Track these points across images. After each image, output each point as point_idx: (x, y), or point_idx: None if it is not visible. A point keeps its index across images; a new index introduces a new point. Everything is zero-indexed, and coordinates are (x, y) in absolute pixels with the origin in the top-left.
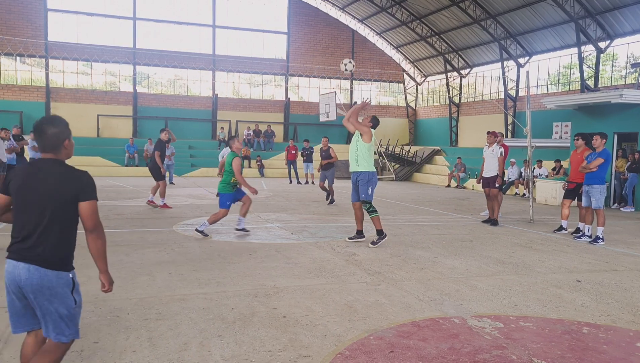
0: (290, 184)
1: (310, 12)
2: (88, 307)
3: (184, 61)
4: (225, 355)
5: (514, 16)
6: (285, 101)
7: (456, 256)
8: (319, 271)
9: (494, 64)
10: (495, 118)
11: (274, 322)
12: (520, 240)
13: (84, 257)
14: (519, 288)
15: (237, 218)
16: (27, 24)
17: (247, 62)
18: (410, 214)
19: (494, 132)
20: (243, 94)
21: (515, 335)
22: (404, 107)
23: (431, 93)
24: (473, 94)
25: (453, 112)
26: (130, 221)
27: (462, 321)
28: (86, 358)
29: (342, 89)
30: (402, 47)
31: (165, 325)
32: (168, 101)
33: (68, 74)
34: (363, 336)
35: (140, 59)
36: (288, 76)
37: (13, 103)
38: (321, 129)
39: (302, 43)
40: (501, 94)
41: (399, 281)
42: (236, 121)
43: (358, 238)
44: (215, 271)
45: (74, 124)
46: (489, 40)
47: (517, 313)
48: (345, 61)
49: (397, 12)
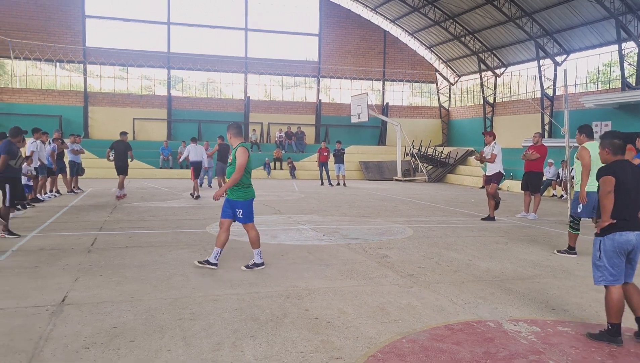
0: (322, 185)
1: (341, 14)
2: (124, 306)
3: (216, 64)
4: (257, 356)
5: (550, 14)
6: (316, 103)
7: (491, 259)
8: (350, 273)
9: (530, 62)
10: (532, 118)
11: (306, 323)
12: (558, 243)
13: (121, 257)
14: (557, 292)
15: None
16: (66, 30)
17: (278, 64)
18: (443, 215)
19: (490, 132)
20: (275, 97)
21: (553, 340)
22: (437, 108)
23: (465, 93)
24: (508, 93)
25: (487, 112)
26: (165, 222)
27: (497, 325)
28: (123, 356)
29: (373, 90)
30: (434, 47)
31: (198, 325)
32: (201, 103)
33: (105, 78)
34: (396, 339)
35: (175, 63)
36: (319, 78)
37: (53, 108)
38: (353, 131)
39: (334, 44)
40: (537, 94)
41: (432, 283)
42: (268, 123)
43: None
44: (247, 272)
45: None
46: (525, 39)
47: (555, 318)
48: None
49: (429, 11)
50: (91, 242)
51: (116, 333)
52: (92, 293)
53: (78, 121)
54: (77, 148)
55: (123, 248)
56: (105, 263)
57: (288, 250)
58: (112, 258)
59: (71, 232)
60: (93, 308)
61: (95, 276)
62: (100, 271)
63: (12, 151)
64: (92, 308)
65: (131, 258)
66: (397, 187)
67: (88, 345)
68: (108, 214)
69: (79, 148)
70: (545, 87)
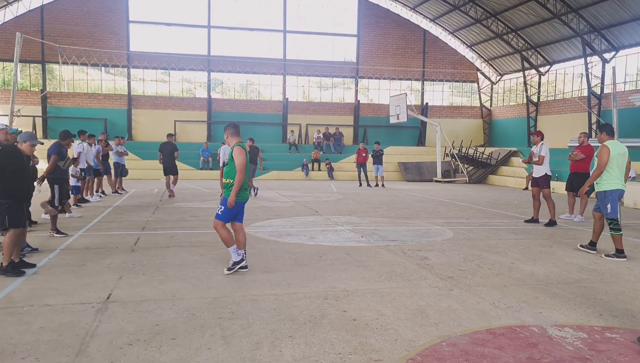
0: (360, 187)
1: (380, 14)
2: (165, 304)
3: (255, 66)
4: (296, 356)
5: (598, 9)
6: (355, 104)
7: (535, 262)
8: (389, 274)
9: (576, 60)
10: (578, 117)
11: (344, 324)
12: (606, 246)
13: (163, 256)
14: (605, 297)
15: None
16: (111, 36)
17: (316, 65)
18: (485, 217)
19: (538, 131)
20: (313, 98)
21: (600, 346)
22: (478, 108)
23: (507, 92)
24: (553, 92)
25: (531, 111)
26: (205, 222)
27: (541, 330)
28: (165, 353)
29: (413, 90)
30: (475, 46)
31: (238, 324)
32: (240, 105)
33: (148, 82)
34: (435, 342)
35: (215, 66)
36: (358, 79)
37: (98, 111)
38: (391, 131)
39: (372, 45)
40: (584, 92)
41: (473, 286)
42: (306, 124)
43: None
44: (285, 272)
45: (153, 129)
46: (571, 36)
47: (603, 324)
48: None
49: (470, 9)
50: (134, 241)
51: (158, 330)
52: (135, 291)
53: (122, 123)
54: (122, 150)
55: (165, 248)
56: (148, 262)
57: (326, 251)
58: (154, 257)
59: (115, 232)
60: (136, 306)
61: (138, 274)
62: (143, 270)
63: (62, 153)
64: (135, 306)
65: (172, 258)
66: (436, 188)
67: (131, 342)
68: (150, 214)
69: (123, 150)
70: (593, 86)
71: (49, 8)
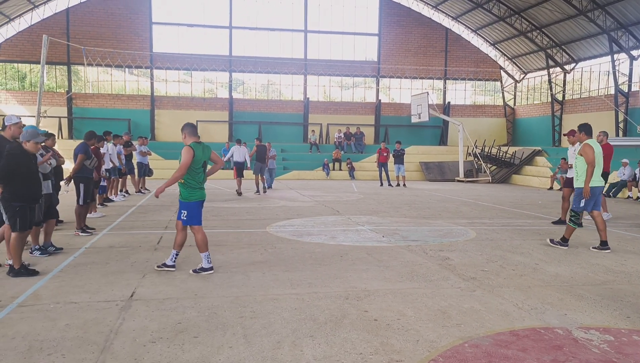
0: (381, 186)
1: (402, 12)
2: (187, 303)
3: (276, 66)
4: (316, 356)
5: (625, 5)
6: (376, 103)
7: (559, 263)
8: (410, 275)
9: (602, 57)
10: (605, 116)
11: (365, 324)
12: (634, 247)
13: (185, 255)
14: (633, 299)
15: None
16: (134, 37)
17: (337, 65)
18: (508, 217)
19: (574, 131)
20: (334, 97)
21: (627, 349)
22: (501, 106)
23: (531, 91)
24: (579, 90)
25: (556, 110)
26: (226, 222)
27: (566, 332)
28: (187, 351)
29: (434, 89)
30: (499, 44)
31: (259, 323)
32: (261, 105)
33: (170, 82)
34: (457, 343)
35: (236, 66)
36: (379, 78)
37: (122, 111)
38: (413, 131)
39: (394, 44)
40: (611, 90)
41: (496, 287)
42: (327, 124)
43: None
44: (306, 272)
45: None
46: (597, 33)
47: (630, 327)
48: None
49: (493, 7)
50: (157, 240)
51: (181, 328)
52: (158, 289)
53: (145, 123)
54: (145, 150)
55: (187, 247)
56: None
57: (347, 251)
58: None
59: (139, 231)
60: (159, 304)
61: (161, 273)
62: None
63: (88, 153)
64: (158, 304)
65: (194, 257)
66: (459, 188)
67: (154, 340)
68: (173, 213)
69: (147, 150)
70: (620, 83)
71: (74, 10)
